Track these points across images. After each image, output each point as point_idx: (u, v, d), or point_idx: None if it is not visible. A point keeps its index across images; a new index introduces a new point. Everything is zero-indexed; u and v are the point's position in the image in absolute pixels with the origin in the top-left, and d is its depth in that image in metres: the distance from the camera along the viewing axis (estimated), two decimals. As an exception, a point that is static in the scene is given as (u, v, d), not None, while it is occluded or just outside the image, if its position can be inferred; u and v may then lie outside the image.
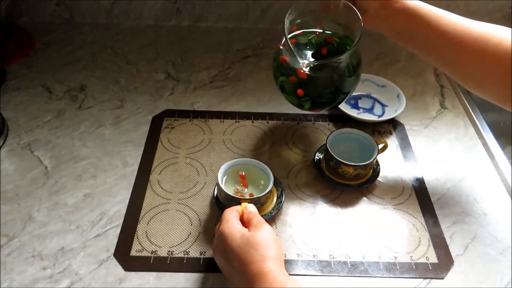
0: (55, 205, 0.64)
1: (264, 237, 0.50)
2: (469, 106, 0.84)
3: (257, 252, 0.48)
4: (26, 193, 0.66)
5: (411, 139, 0.78)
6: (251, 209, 0.56)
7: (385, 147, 0.71)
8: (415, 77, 0.93)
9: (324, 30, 0.69)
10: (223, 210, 0.63)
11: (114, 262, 0.58)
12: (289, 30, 0.63)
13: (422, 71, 0.94)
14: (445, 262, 0.60)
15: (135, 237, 0.61)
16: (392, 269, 0.59)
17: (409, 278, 0.58)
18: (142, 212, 0.64)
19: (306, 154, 0.74)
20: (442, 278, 0.58)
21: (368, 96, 0.85)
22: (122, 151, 0.73)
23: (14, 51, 0.91)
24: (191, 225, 0.63)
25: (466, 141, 0.79)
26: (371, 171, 0.70)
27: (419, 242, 0.62)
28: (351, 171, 0.66)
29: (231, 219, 0.53)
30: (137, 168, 0.70)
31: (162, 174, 0.70)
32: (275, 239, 0.51)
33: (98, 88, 0.85)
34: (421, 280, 0.58)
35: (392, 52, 0.98)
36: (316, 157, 0.72)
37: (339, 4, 0.62)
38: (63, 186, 0.67)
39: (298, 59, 0.60)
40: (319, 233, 0.63)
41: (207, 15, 1.03)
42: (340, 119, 0.81)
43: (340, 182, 0.68)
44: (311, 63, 0.61)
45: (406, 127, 0.80)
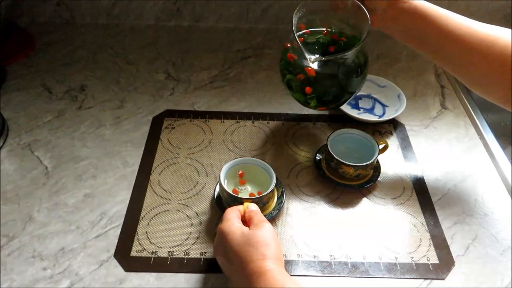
0: (55, 205, 0.64)
1: (264, 236, 0.50)
2: (469, 106, 0.84)
3: (257, 251, 0.48)
4: (26, 193, 0.66)
5: (412, 139, 0.78)
6: (253, 208, 0.56)
7: (385, 148, 0.71)
8: (416, 77, 0.92)
9: (331, 29, 0.69)
10: (224, 210, 0.62)
11: (115, 262, 0.58)
12: (297, 28, 0.63)
13: (423, 72, 0.94)
14: (446, 262, 0.60)
15: (136, 237, 0.61)
16: (392, 269, 0.58)
17: (410, 278, 0.58)
18: (143, 212, 0.64)
19: (306, 155, 0.74)
20: (443, 279, 0.58)
21: (368, 96, 0.85)
22: (123, 152, 0.73)
23: (14, 51, 0.91)
24: (192, 225, 0.63)
25: (467, 141, 0.79)
26: (372, 172, 0.70)
27: (420, 242, 0.62)
28: (352, 172, 0.66)
29: (232, 218, 0.53)
30: (137, 168, 0.70)
31: (163, 174, 0.70)
32: (275, 239, 0.51)
33: (99, 88, 0.85)
34: (422, 280, 0.58)
35: (392, 52, 0.98)
36: (316, 157, 0.72)
37: (348, 3, 0.62)
38: (63, 186, 0.67)
39: (306, 54, 0.60)
40: (320, 233, 0.63)
41: (208, 15, 1.03)
42: (340, 119, 0.80)
43: (340, 182, 0.68)
44: (318, 59, 0.60)
45: (407, 127, 0.80)
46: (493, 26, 0.58)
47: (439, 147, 0.77)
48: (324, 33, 0.69)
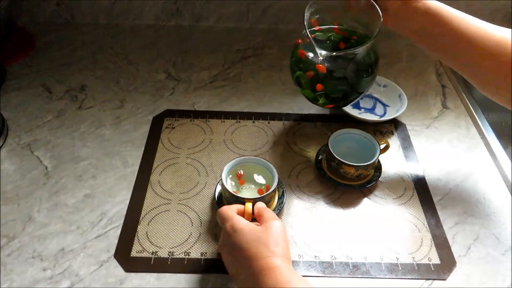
0: (55, 205, 0.64)
1: (274, 233, 0.49)
2: (471, 106, 0.84)
3: (267, 248, 0.48)
4: (26, 193, 0.65)
5: (413, 139, 0.78)
6: (262, 204, 0.56)
7: (387, 147, 0.71)
8: (417, 77, 0.92)
9: (342, 27, 0.68)
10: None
11: (115, 263, 0.58)
12: (309, 23, 0.63)
13: (424, 71, 0.94)
14: (447, 263, 0.59)
15: (136, 238, 0.61)
16: (394, 270, 0.58)
17: (411, 279, 0.57)
18: (143, 212, 0.64)
19: (307, 155, 0.74)
20: (444, 279, 0.58)
21: (369, 96, 0.85)
22: (123, 152, 0.73)
23: (14, 51, 0.91)
24: (192, 225, 0.62)
25: (468, 141, 0.78)
26: (373, 172, 0.70)
27: (421, 243, 0.62)
28: (353, 172, 0.66)
29: (234, 216, 0.53)
30: (137, 168, 0.70)
31: (163, 174, 0.69)
32: (285, 236, 0.51)
33: (99, 88, 0.85)
34: (423, 281, 0.57)
35: (393, 52, 0.98)
36: (317, 157, 0.72)
37: (361, 2, 0.62)
38: (63, 186, 0.67)
39: (316, 49, 0.59)
40: (321, 233, 0.62)
41: (208, 15, 1.03)
42: (341, 119, 0.80)
43: (341, 182, 0.68)
44: (329, 54, 0.60)
45: (408, 127, 0.80)
46: (506, 29, 0.57)
47: (440, 147, 0.77)
48: (335, 30, 0.68)
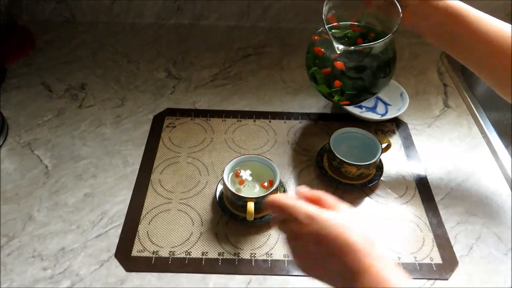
0: (56, 205, 0.64)
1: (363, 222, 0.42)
2: (472, 105, 0.83)
3: (372, 246, 0.41)
4: (26, 192, 0.65)
5: (415, 138, 0.77)
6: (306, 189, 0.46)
7: (388, 146, 0.70)
8: (418, 76, 0.92)
9: (360, 23, 0.68)
10: (225, 209, 0.62)
11: (115, 262, 0.57)
12: (326, 19, 0.62)
13: (425, 70, 0.94)
14: (449, 262, 0.59)
15: (136, 237, 0.60)
16: (396, 269, 0.58)
17: (413, 279, 0.57)
18: (143, 212, 0.64)
19: (308, 154, 0.74)
20: (446, 279, 0.57)
21: (370, 95, 0.84)
22: (123, 151, 0.72)
23: (14, 50, 0.91)
24: (193, 225, 0.62)
25: (470, 140, 0.78)
26: (374, 171, 0.69)
27: (423, 242, 0.61)
28: (354, 171, 0.66)
29: (310, 207, 0.43)
30: (138, 167, 0.70)
31: (164, 173, 0.69)
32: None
33: (99, 86, 0.85)
34: (425, 280, 0.57)
35: (394, 50, 0.98)
36: (318, 156, 0.72)
37: None
38: (64, 185, 0.67)
39: (334, 43, 0.59)
40: (322, 233, 0.62)
41: (208, 14, 1.02)
42: (342, 118, 0.80)
43: (343, 181, 0.68)
44: (346, 48, 0.60)
45: (409, 126, 0.80)
46: None
47: (442, 146, 0.76)
48: (353, 29, 0.68)
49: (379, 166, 0.70)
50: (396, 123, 0.80)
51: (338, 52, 0.60)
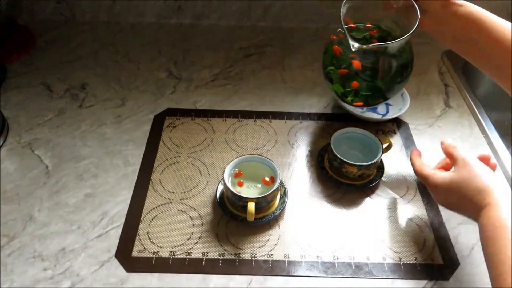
0: (56, 205, 0.64)
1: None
2: (473, 105, 0.83)
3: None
4: (26, 193, 0.65)
5: (416, 138, 0.77)
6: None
7: (389, 147, 0.70)
8: (419, 76, 0.92)
9: (377, 26, 0.68)
10: (226, 210, 0.62)
11: (116, 263, 0.57)
12: (344, 21, 0.62)
13: (427, 70, 0.93)
14: (450, 263, 0.59)
15: (137, 237, 0.60)
16: (397, 270, 0.58)
17: (414, 279, 0.57)
18: (144, 212, 0.63)
19: (309, 154, 0.74)
20: (447, 280, 0.57)
21: (371, 95, 0.84)
22: (124, 151, 0.72)
23: (14, 49, 0.91)
24: (193, 225, 0.62)
25: (471, 140, 0.78)
26: (375, 171, 0.69)
27: (424, 243, 0.61)
28: (355, 171, 0.66)
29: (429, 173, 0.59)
30: (138, 167, 0.70)
31: (164, 173, 0.69)
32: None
33: (99, 86, 0.85)
34: (426, 281, 0.57)
35: (395, 50, 0.98)
36: (319, 156, 0.71)
37: (400, 2, 0.61)
38: (64, 185, 0.66)
39: (349, 41, 0.59)
40: (323, 233, 0.62)
41: (209, 13, 1.02)
42: (343, 118, 0.80)
43: (344, 182, 0.67)
44: (361, 46, 0.59)
45: (410, 126, 0.79)
46: None
47: (443, 146, 0.76)
48: (370, 32, 0.68)
49: (380, 167, 0.70)
50: (397, 123, 0.80)
51: (353, 50, 0.59)
